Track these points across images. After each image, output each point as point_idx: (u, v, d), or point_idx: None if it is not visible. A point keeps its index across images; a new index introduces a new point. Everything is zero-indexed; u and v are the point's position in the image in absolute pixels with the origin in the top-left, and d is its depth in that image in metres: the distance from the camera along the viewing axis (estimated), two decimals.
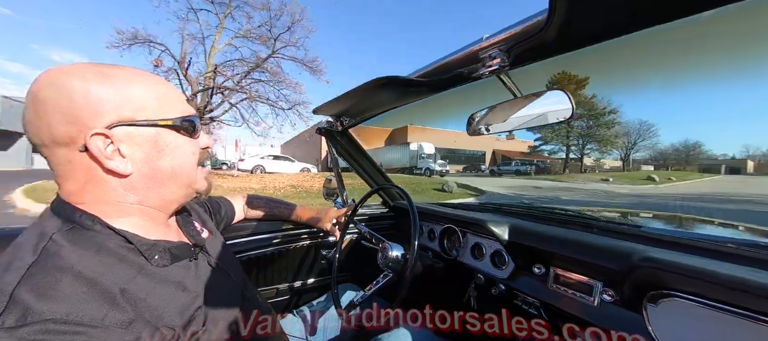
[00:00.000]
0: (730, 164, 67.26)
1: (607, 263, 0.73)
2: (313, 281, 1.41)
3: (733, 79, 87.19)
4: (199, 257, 0.65)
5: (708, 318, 0.57)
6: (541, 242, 0.90)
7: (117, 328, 0.41)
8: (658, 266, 0.61)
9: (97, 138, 0.47)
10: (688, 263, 0.57)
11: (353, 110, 1.09)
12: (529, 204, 1.56)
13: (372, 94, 0.84)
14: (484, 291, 1.12)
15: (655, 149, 73.25)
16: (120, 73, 0.51)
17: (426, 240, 1.44)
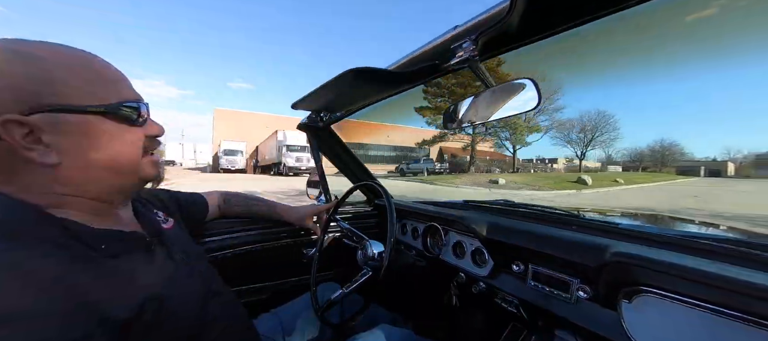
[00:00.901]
0: (710, 167, 66.29)
1: (582, 259, 0.72)
2: (294, 280, 1.38)
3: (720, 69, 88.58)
4: (155, 249, 0.61)
5: (681, 314, 0.56)
6: (519, 238, 0.89)
7: (49, 319, 0.38)
8: (629, 261, 0.60)
9: (11, 126, 0.42)
10: (660, 258, 0.56)
11: (332, 104, 1.06)
12: (511, 202, 1.55)
13: (347, 87, 0.82)
14: (466, 290, 1.11)
15: (624, 147, 72.80)
16: (42, 51, 0.46)
17: (409, 238, 1.42)
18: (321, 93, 0.92)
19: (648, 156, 70.65)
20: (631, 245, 0.69)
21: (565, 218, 0.99)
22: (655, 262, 0.55)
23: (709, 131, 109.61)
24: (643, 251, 0.62)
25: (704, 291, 0.52)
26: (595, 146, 44.68)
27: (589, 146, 44.61)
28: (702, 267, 0.51)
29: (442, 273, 1.23)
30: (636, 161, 68.93)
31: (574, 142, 43.90)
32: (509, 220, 1.02)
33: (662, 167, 63.61)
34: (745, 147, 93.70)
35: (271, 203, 1.28)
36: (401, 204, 1.45)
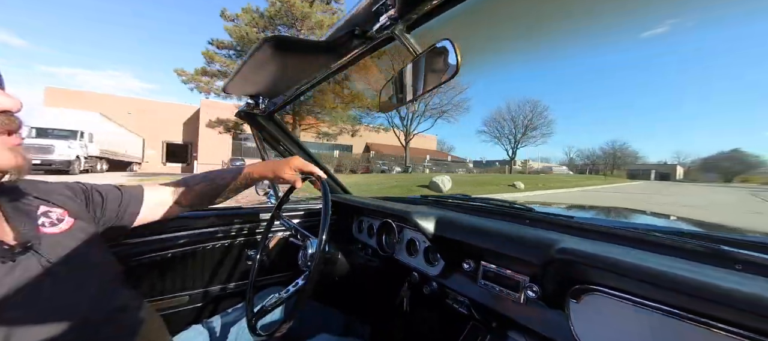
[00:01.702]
0: (661, 170, 68.52)
1: (528, 256, 0.66)
2: (234, 285, 1.24)
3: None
4: (19, 259, 0.50)
5: (631, 314, 0.51)
6: (467, 235, 0.81)
7: None
8: (574, 258, 0.53)
9: None
10: (607, 254, 0.50)
11: (268, 87, 0.94)
12: (468, 196, 1.49)
13: (271, 63, 0.70)
14: (418, 290, 1.04)
15: (574, 147, 75.01)
16: None
17: (365, 236, 1.33)
18: (246, 73, 0.80)
19: (601, 158, 70.23)
20: (581, 241, 0.63)
21: (519, 212, 0.94)
22: (601, 259, 0.49)
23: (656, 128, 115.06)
24: (591, 247, 0.55)
25: (653, 291, 0.46)
26: (529, 142, 41.11)
27: (521, 143, 40.32)
28: (651, 265, 0.45)
29: (397, 273, 1.15)
30: (588, 163, 68.89)
31: (504, 136, 40.18)
32: (461, 215, 0.95)
33: (613, 170, 64.48)
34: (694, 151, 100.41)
35: (236, 169, 1.00)
36: (356, 200, 1.35)
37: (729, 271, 0.53)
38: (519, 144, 41.28)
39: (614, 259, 0.48)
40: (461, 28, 0.56)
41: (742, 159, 69.36)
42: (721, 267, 0.57)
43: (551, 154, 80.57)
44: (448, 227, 0.86)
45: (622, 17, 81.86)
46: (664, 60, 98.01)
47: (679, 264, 0.47)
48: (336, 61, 0.70)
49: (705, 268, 0.48)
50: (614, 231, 0.72)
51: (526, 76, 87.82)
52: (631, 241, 0.69)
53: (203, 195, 0.95)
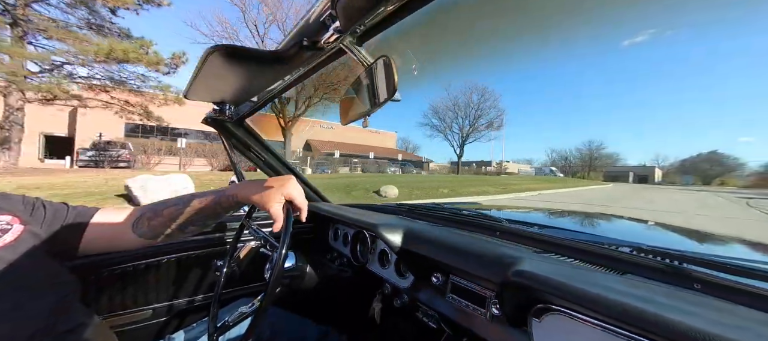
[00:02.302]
0: (639, 172, 66.45)
1: (488, 275, 0.64)
2: (202, 298, 1.20)
3: None
4: None
5: (593, 336, 0.50)
6: (431, 249, 0.79)
7: None
8: (528, 282, 0.52)
9: None
10: (558, 278, 0.48)
11: (231, 93, 0.90)
12: (442, 206, 1.46)
13: (224, 71, 0.67)
14: (391, 302, 1.01)
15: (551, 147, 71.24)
16: None
17: (340, 245, 1.30)
18: (203, 81, 0.76)
19: (577, 159, 68.33)
20: (542, 260, 0.62)
21: (491, 223, 0.92)
22: (554, 285, 0.48)
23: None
24: (550, 269, 0.54)
25: (609, 320, 0.45)
26: (479, 136, 34.12)
27: (471, 137, 33.55)
28: (599, 293, 0.43)
29: (369, 284, 1.12)
30: (564, 165, 66.89)
31: (449, 128, 33.74)
32: (429, 228, 0.92)
33: (590, 171, 63.02)
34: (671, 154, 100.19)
35: (195, 197, 0.82)
36: (330, 209, 1.32)
37: (687, 292, 0.53)
38: (467, 138, 34.28)
39: (566, 286, 0.47)
40: (419, 39, 0.53)
41: (720, 161, 68.93)
42: (681, 286, 0.56)
43: (536, 156, 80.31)
44: (414, 241, 0.84)
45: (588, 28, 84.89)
46: (642, 66, 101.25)
47: (634, 289, 0.46)
48: (293, 71, 0.67)
49: (659, 292, 0.47)
50: (580, 246, 0.71)
51: (494, 85, 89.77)
52: (596, 257, 0.68)
53: (172, 221, 0.78)
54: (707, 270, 0.55)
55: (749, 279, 0.51)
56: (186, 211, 0.80)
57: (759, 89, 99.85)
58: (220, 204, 0.81)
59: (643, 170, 68.74)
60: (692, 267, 0.56)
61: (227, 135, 1.17)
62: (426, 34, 0.52)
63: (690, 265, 0.57)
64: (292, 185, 0.78)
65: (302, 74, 0.71)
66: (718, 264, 0.56)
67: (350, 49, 0.50)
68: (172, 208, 0.79)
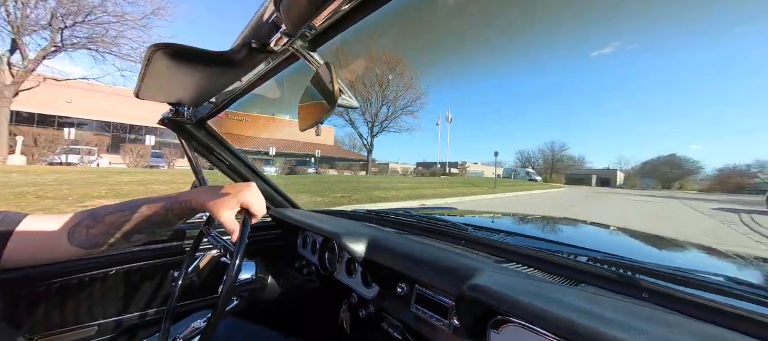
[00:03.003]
0: (602, 175, 64.35)
1: (447, 286, 0.63)
2: (155, 311, 1.12)
3: None
4: None
5: None
6: (393, 258, 0.78)
7: None
8: (481, 296, 0.51)
9: None
10: (509, 293, 0.48)
11: (187, 95, 0.85)
12: (411, 213, 1.45)
13: (173, 71, 0.62)
14: (356, 313, 0.99)
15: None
16: None
17: (309, 253, 1.26)
18: (152, 80, 0.70)
19: (540, 161, 67.38)
20: (497, 270, 0.62)
21: (457, 231, 0.92)
22: (505, 299, 0.47)
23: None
24: (504, 280, 0.53)
25: (555, 335, 0.45)
26: (394, 126, 27.07)
27: (384, 125, 26.24)
28: (549, 310, 0.43)
29: (337, 294, 1.09)
30: (525, 165, 64.56)
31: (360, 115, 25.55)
32: (393, 237, 0.91)
33: (552, 174, 61.32)
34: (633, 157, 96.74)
35: (139, 204, 0.74)
36: (296, 216, 1.27)
37: (635, 302, 0.54)
38: (377, 127, 26.94)
39: (516, 301, 0.46)
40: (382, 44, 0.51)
41: (679, 164, 68.63)
42: (630, 295, 0.58)
43: (507, 158, 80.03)
44: (377, 250, 0.82)
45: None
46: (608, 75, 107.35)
47: (582, 302, 0.46)
48: (248, 74, 0.63)
49: (607, 305, 0.48)
50: (541, 256, 0.72)
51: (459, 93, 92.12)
52: (555, 266, 0.69)
53: (116, 229, 0.70)
54: (655, 280, 0.57)
55: (692, 289, 0.53)
56: (132, 218, 0.72)
57: (705, 101, 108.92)
58: (171, 211, 0.74)
59: (606, 173, 67.02)
60: (642, 277, 0.58)
61: (187, 137, 1.10)
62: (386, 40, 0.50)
63: (640, 275, 0.59)
64: (250, 192, 0.72)
65: (261, 77, 0.67)
66: (664, 274, 0.58)
67: (302, 53, 0.47)
68: (116, 215, 0.71)
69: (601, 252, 0.73)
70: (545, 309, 0.42)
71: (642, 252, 1.04)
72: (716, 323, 0.47)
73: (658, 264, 0.64)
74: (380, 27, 0.49)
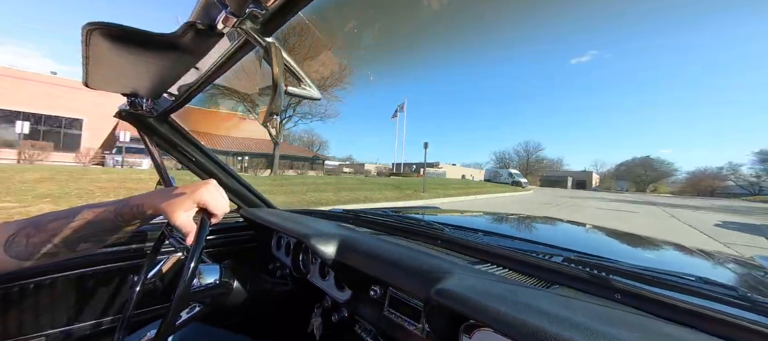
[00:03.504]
0: (578, 177, 62.49)
1: (416, 290, 0.60)
2: (111, 320, 1.04)
3: None
4: None
5: None
6: (364, 260, 0.74)
7: None
8: (447, 301, 0.48)
9: None
10: (477, 299, 0.45)
11: (141, 85, 0.78)
12: (388, 213, 1.41)
13: (116, 56, 0.56)
14: (329, 317, 0.94)
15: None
16: None
17: (282, 255, 1.21)
18: (97, 67, 0.64)
19: (516, 162, 65.28)
20: (470, 273, 0.59)
21: (434, 231, 0.89)
22: (471, 305, 0.44)
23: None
24: (473, 286, 0.51)
25: None
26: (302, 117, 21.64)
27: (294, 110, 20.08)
28: (514, 315, 0.40)
29: (309, 298, 1.05)
30: (501, 167, 61.47)
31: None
32: (365, 237, 0.87)
33: (527, 174, 56.16)
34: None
35: (107, 204, 0.68)
36: (267, 216, 1.21)
37: (606, 304, 0.53)
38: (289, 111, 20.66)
39: (483, 306, 0.43)
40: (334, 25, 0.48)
41: (653, 166, 66.24)
42: (604, 296, 0.56)
43: (484, 159, 78.84)
44: (348, 252, 0.78)
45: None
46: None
47: (550, 305, 0.44)
48: (199, 61, 0.58)
49: (577, 307, 0.46)
50: (516, 256, 0.70)
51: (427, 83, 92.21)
52: (529, 267, 0.67)
53: (59, 237, 0.63)
54: (627, 281, 0.56)
55: (663, 289, 0.52)
56: (78, 225, 0.65)
57: (674, 105, 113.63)
58: (121, 216, 0.67)
59: (583, 176, 64.55)
60: (615, 278, 0.57)
61: (148, 132, 1.03)
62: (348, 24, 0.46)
63: (613, 275, 0.58)
64: (207, 190, 0.67)
65: (220, 66, 0.62)
66: (636, 274, 0.57)
67: (252, 36, 0.42)
68: (60, 221, 0.64)
69: (576, 252, 0.71)
70: (513, 316, 0.40)
71: (617, 251, 1.04)
72: (687, 324, 0.46)
73: (632, 264, 0.63)
74: (343, 12, 0.45)
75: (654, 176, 64.91)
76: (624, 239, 1.22)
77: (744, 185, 50.10)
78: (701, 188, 54.01)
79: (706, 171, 58.42)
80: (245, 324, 1.15)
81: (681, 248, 1.10)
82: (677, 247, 1.12)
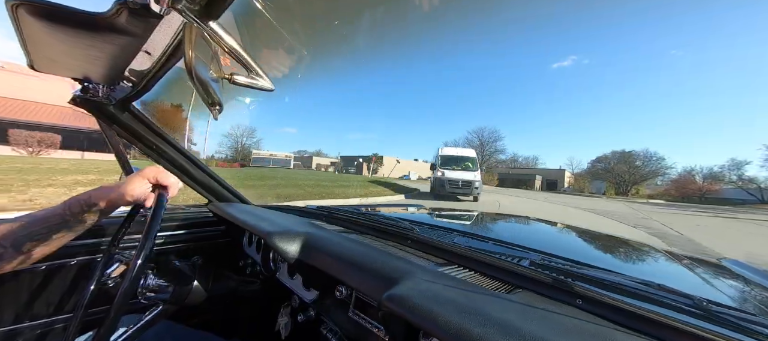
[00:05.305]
0: (548, 176, 50.66)
1: (371, 292, 0.58)
2: (66, 318, 0.98)
3: None
4: None
5: None
6: (325, 260, 0.71)
7: None
8: (397, 309, 0.46)
9: None
10: (428, 308, 0.43)
11: (92, 69, 0.72)
12: (361, 211, 1.37)
13: (52, 36, 0.51)
14: (295, 316, 0.92)
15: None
16: None
17: (253, 251, 1.17)
18: (38, 48, 0.59)
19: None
20: (431, 278, 0.57)
21: (404, 231, 0.87)
22: (424, 317, 0.42)
23: None
24: (427, 292, 0.48)
25: None
26: None
27: None
28: (470, 329, 0.38)
29: (278, 297, 1.01)
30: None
31: None
32: (337, 236, 0.85)
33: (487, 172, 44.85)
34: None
35: (60, 206, 0.67)
36: (228, 211, 1.16)
37: (567, 309, 0.52)
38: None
39: (432, 314, 0.41)
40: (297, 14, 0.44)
41: (639, 164, 47.51)
42: (565, 302, 0.56)
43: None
44: (311, 251, 0.75)
45: None
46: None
47: (507, 314, 0.42)
48: (142, 44, 0.53)
49: (535, 316, 0.44)
50: (484, 259, 0.68)
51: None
52: (496, 270, 0.66)
53: (6, 241, 0.60)
54: (588, 286, 0.55)
55: (622, 296, 0.52)
56: (22, 222, 0.63)
57: (654, 107, 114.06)
58: (69, 209, 0.67)
59: (554, 174, 51.98)
60: (577, 283, 0.56)
61: (107, 121, 0.97)
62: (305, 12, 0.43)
63: (575, 281, 0.57)
64: (155, 167, 0.75)
65: (173, 51, 0.57)
66: (597, 279, 0.56)
67: (191, 18, 0.38)
68: (7, 225, 0.62)
69: (543, 254, 0.71)
70: (457, 326, 0.38)
71: (588, 255, 1.04)
72: (641, 331, 0.46)
73: (597, 269, 0.63)
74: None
75: (641, 174, 48.23)
76: (599, 241, 1.23)
77: (753, 190, 36.35)
78: (688, 191, 42.18)
79: (693, 171, 44.66)
80: (211, 322, 1.12)
81: (653, 251, 1.11)
82: (650, 250, 1.13)
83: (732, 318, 0.44)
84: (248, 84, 0.44)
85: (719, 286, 0.78)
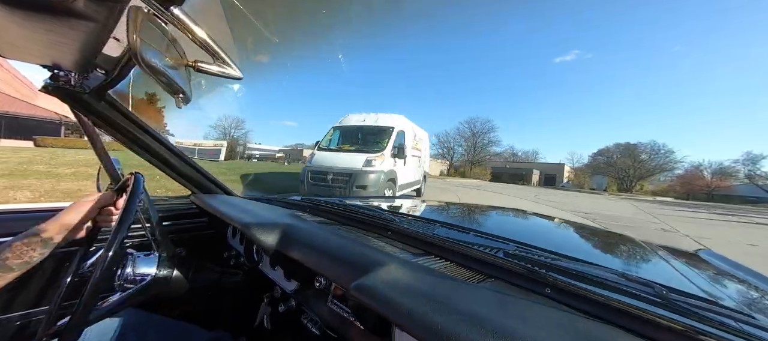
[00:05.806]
0: (546, 171, 47.77)
1: (342, 282, 0.58)
2: (42, 311, 0.97)
3: None
4: None
5: None
6: (301, 250, 0.72)
7: None
8: (364, 299, 0.46)
9: None
10: (394, 298, 0.44)
11: (61, 55, 0.70)
12: (344, 203, 1.37)
13: (5, 18, 0.49)
14: (276, 307, 0.92)
15: None
16: None
17: (237, 243, 1.17)
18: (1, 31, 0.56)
19: (461, 148, 49.63)
20: (406, 268, 0.57)
21: (384, 223, 0.87)
22: (390, 307, 0.43)
23: None
24: (394, 285, 0.49)
25: None
26: None
27: None
28: (433, 319, 0.39)
29: (261, 288, 1.02)
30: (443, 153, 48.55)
31: None
32: (316, 227, 0.85)
33: (472, 167, 45.88)
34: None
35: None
36: (209, 203, 1.15)
37: (535, 299, 0.53)
38: None
39: (397, 305, 0.42)
40: None
41: (644, 158, 44.39)
42: (535, 291, 0.57)
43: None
44: (289, 242, 0.75)
45: None
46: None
47: (474, 305, 0.43)
48: (108, 28, 0.51)
49: (504, 306, 0.45)
50: (461, 250, 0.69)
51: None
52: (471, 260, 0.66)
53: None
54: (558, 276, 0.56)
55: (589, 285, 0.53)
56: None
57: (652, 102, 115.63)
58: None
59: (553, 169, 49.08)
60: (548, 273, 0.57)
61: (82, 110, 0.94)
62: None
63: (545, 270, 0.58)
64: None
65: None
66: (566, 269, 0.58)
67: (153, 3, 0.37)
68: None
69: (519, 244, 0.72)
70: (420, 316, 0.38)
71: (561, 245, 1.07)
72: (604, 319, 0.47)
73: (570, 258, 0.64)
74: None
75: (647, 169, 43.87)
76: (580, 232, 1.26)
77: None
78: (694, 188, 39.44)
79: (700, 167, 42.33)
80: (193, 314, 1.11)
81: (630, 242, 1.14)
82: (626, 241, 1.16)
83: (687, 306, 0.45)
84: (215, 72, 0.43)
85: (689, 275, 0.81)
